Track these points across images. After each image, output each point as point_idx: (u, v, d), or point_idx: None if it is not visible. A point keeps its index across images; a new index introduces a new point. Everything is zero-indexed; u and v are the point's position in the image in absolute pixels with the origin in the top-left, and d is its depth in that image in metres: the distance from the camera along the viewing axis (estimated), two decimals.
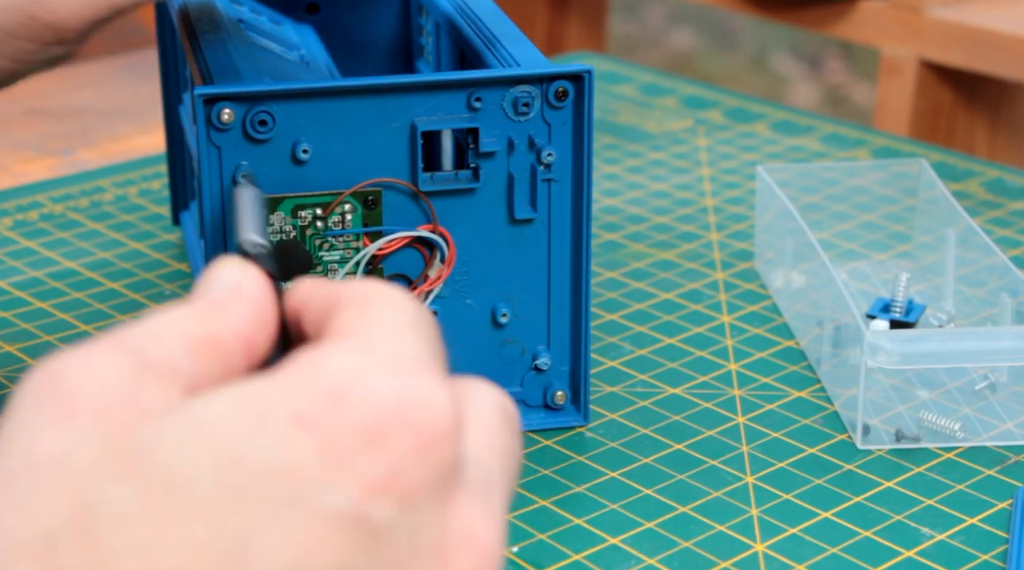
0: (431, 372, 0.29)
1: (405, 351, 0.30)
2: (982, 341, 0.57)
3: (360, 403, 0.28)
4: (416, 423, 0.28)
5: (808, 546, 0.52)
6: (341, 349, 0.29)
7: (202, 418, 0.28)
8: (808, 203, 0.79)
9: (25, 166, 0.86)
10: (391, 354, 0.29)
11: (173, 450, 0.28)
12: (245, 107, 0.51)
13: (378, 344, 0.30)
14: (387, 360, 0.29)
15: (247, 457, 0.27)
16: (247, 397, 0.28)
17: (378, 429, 0.28)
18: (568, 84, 0.54)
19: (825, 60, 3.02)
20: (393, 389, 0.28)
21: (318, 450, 0.27)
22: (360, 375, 0.28)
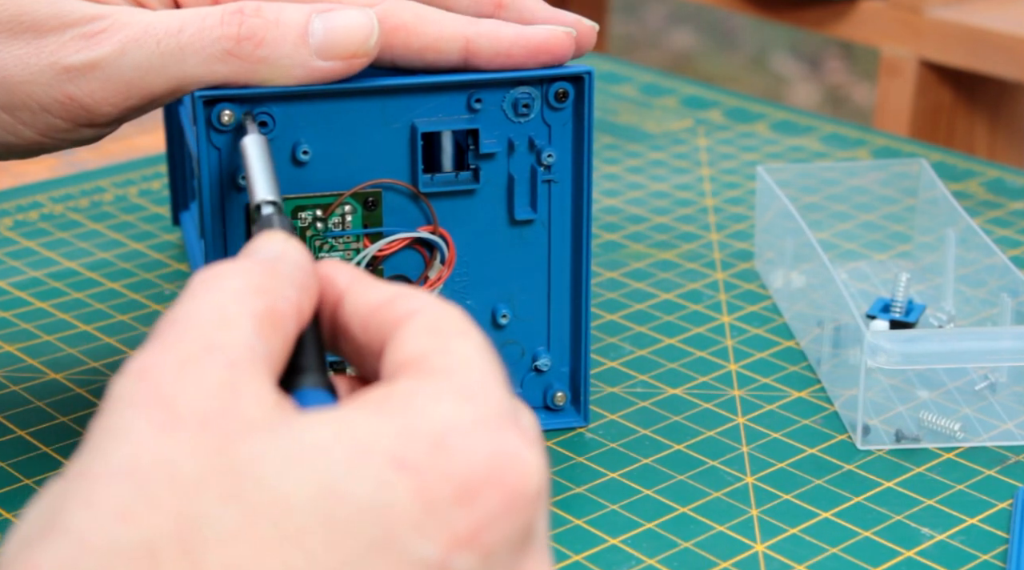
0: (520, 428, 0.30)
1: (498, 400, 0.30)
2: (982, 341, 0.57)
3: (459, 455, 0.28)
4: (509, 483, 0.29)
5: (808, 546, 0.52)
6: (439, 392, 0.30)
7: (306, 445, 0.28)
8: (808, 203, 0.79)
9: (25, 166, 0.86)
10: (487, 403, 0.30)
11: (278, 475, 0.28)
12: (245, 108, 0.51)
13: (473, 391, 0.30)
14: (485, 411, 0.30)
15: (348, 492, 0.28)
16: (351, 430, 0.29)
17: (473, 483, 0.28)
18: (568, 85, 0.54)
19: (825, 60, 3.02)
20: (491, 445, 0.29)
21: (414, 495, 0.28)
22: (460, 425, 0.29)
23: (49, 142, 0.52)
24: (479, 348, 0.32)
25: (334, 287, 0.35)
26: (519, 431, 0.30)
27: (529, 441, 0.30)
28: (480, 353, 0.32)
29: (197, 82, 0.49)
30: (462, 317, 0.33)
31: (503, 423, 0.29)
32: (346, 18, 0.50)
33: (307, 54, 0.49)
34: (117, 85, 0.50)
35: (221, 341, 0.30)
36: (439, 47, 0.51)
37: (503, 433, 0.29)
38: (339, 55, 0.49)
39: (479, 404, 0.30)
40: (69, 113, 0.51)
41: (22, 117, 0.51)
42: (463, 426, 0.29)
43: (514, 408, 0.31)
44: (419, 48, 0.51)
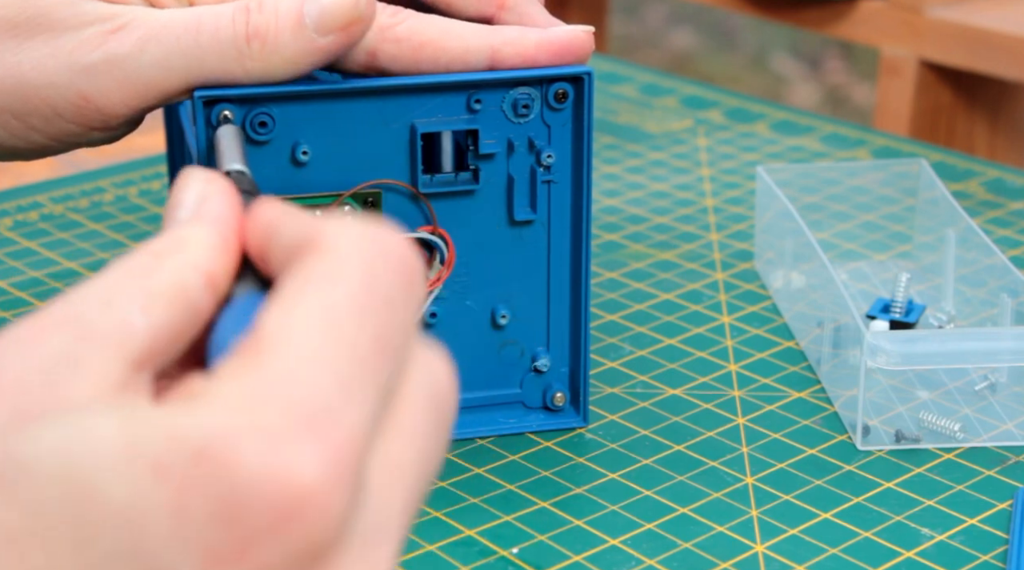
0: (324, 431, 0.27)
1: (303, 399, 0.27)
2: (982, 341, 0.57)
3: (220, 469, 0.26)
4: (278, 504, 0.26)
5: (808, 547, 0.52)
6: (223, 391, 0.27)
7: (84, 434, 0.27)
8: (808, 203, 0.79)
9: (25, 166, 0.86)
10: (283, 405, 0.27)
11: (40, 463, 0.26)
12: (245, 109, 0.51)
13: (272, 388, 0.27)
14: (273, 416, 0.27)
15: (104, 494, 0.26)
16: (133, 425, 0.27)
17: (234, 502, 0.26)
18: (568, 86, 0.54)
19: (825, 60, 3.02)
20: (262, 460, 0.26)
21: (169, 508, 0.26)
22: (230, 434, 0.26)
23: (57, 146, 0.52)
24: (336, 310, 0.29)
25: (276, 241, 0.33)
26: (318, 440, 0.27)
27: (325, 453, 0.27)
28: (330, 320, 0.28)
29: (214, 81, 0.50)
30: (369, 249, 0.30)
31: (293, 432, 0.26)
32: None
33: (308, 36, 0.49)
34: (135, 84, 0.50)
35: (89, 316, 0.29)
36: (467, 59, 0.52)
37: (285, 445, 0.26)
38: (337, 26, 0.49)
39: (270, 406, 0.27)
40: (82, 116, 0.51)
41: (34, 122, 0.51)
42: (233, 435, 0.26)
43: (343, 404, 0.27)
44: (447, 63, 0.52)
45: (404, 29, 0.51)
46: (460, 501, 0.54)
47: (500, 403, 0.58)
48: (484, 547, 0.52)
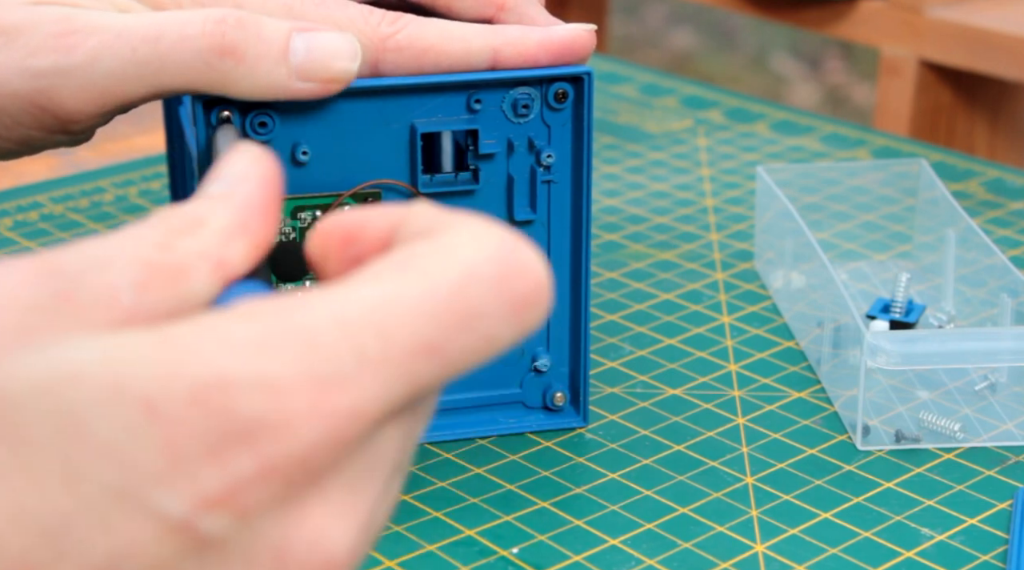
0: (328, 395, 0.26)
1: (327, 358, 0.27)
2: (982, 341, 0.57)
3: (216, 412, 0.26)
4: (265, 449, 0.26)
5: (808, 547, 0.52)
6: (231, 333, 0.27)
7: (65, 366, 0.26)
8: (808, 203, 0.79)
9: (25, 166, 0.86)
10: (294, 355, 0.26)
11: (26, 397, 0.26)
12: (244, 109, 0.51)
13: (286, 338, 0.27)
14: (280, 366, 0.26)
15: (92, 430, 0.26)
16: (117, 357, 0.26)
17: (225, 444, 0.26)
18: (568, 86, 0.54)
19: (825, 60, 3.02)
20: (259, 413, 0.26)
21: (160, 446, 0.26)
22: (228, 378, 0.26)
23: (26, 150, 0.51)
24: (401, 298, 0.27)
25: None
26: (319, 402, 0.26)
27: (323, 418, 0.26)
28: (385, 303, 0.27)
29: (175, 90, 0.49)
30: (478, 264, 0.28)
31: (296, 387, 0.26)
32: (329, 41, 0.49)
33: (285, 74, 0.48)
34: (90, 93, 0.49)
35: (78, 276, 0.28)
36: (469, 61, 0.51)
37: (286, 399, 0.26)
38: (318, 78, 0.49)
39: (280, 355, 0.26)
40: (40, 123, 0.50)
41: (1, 132, 0.50)
42: (233, 381, 0.26)
43: (358, 376, 0.27)
44: (449, 66, 0.51)
45: (404, 37, 0.51)
46: (460, 501, 0.54)
47: (500, 403, 0.58)
48: (484, 547, 0.52)
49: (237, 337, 0.27)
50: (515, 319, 0.29)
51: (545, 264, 0.29)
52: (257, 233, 0.31)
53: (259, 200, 0.31)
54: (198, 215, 0.30)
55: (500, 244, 0.29)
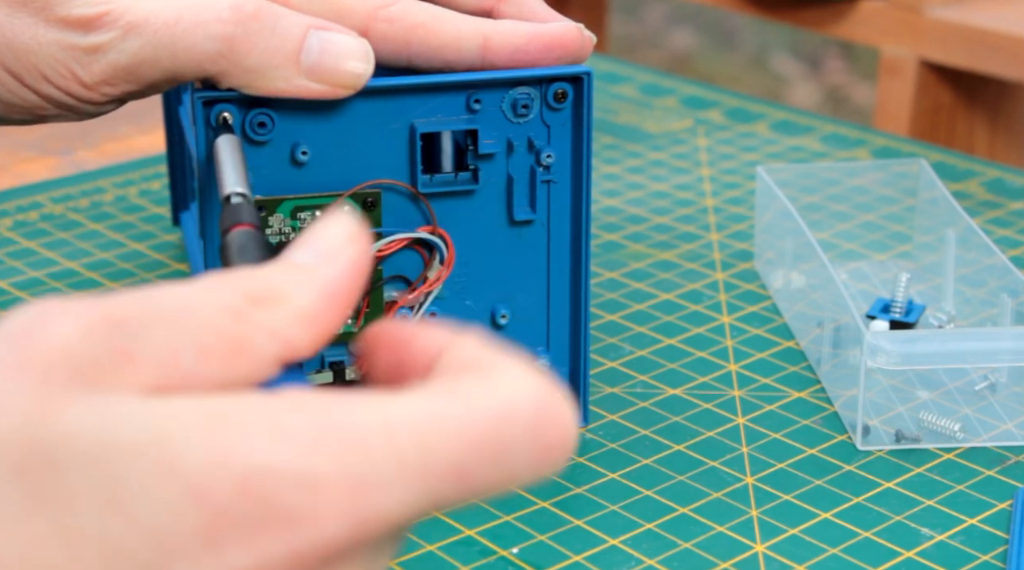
0: (361, 501, 0.27)
1: (366, 463, 0.27)
2: (982, 341, 0.57)
3: (258, 501, 0.26)
4: (295, 537, 0.27)
5: (808, 547, 0.52)
6: (274, 427, 0.27)
7: (118, 439, 0.26)
8: (808, 203, 0.79)
9: (25, 166, 0.86)
10: (335, 455, 0.27)
11: (74, 464, 0.26)
12: (244, 109, 0.51)
13: (326, 436, 0.27)
14: (327, 465, 0.27)
15: (138, 507, 0.26)
16: (170, 436, 0.26)
17: (259, 529, 0.26)
18: (567, 86, 0.54)
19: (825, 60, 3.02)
20: (297, 507, 0.27)
21: (202, 530, 0.26)
22: (277, 474, 0.26)
23: (52, 110, 0.52)
24: (441, 419, 0.28)
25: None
26: (353, 508, 0.27)
27: (351, 523, 0.27)
28: (428, 419, 0.28)
29: (188, 77, 0.50)
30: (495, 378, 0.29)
31: (335, 487, 0.27)
32: (344, 44, 0.49)
33: (295, 72, 0.49)
34: (116, 70, 0.50)
35: (143, 324, 0.28)
36: (458, 45, 0.51)
37: (322, 497, 0.27)
38: (327, 80, 0.49)
39: (324, 450, 0.27)
40: (70, 88, 0.51)
41: (27, 80, 0.51)
42: (279, 472, 0.26)
43: (391, 485, 0.27)
44: (438, 46, 0.51)
45: (397, 10, 0.51)
46: None
47: None
48: (484, 547, 0.52)
49: (287, 429, 0.27)
50: (540, 462, 0.29)
51: (575, 417, 0.30)
52: (330, 323, 0.31)
53: (343, 287, 0.31)
54: (279, 288, 0.30)
55: (539, 390, 0.30)
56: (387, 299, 0.55)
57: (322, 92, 0.49)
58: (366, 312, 0.55)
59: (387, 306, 0.55)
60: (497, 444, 0.29)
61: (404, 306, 0.55)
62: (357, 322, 0.55)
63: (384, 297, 0.55)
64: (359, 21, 0.51)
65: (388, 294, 0.55)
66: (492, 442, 0.29)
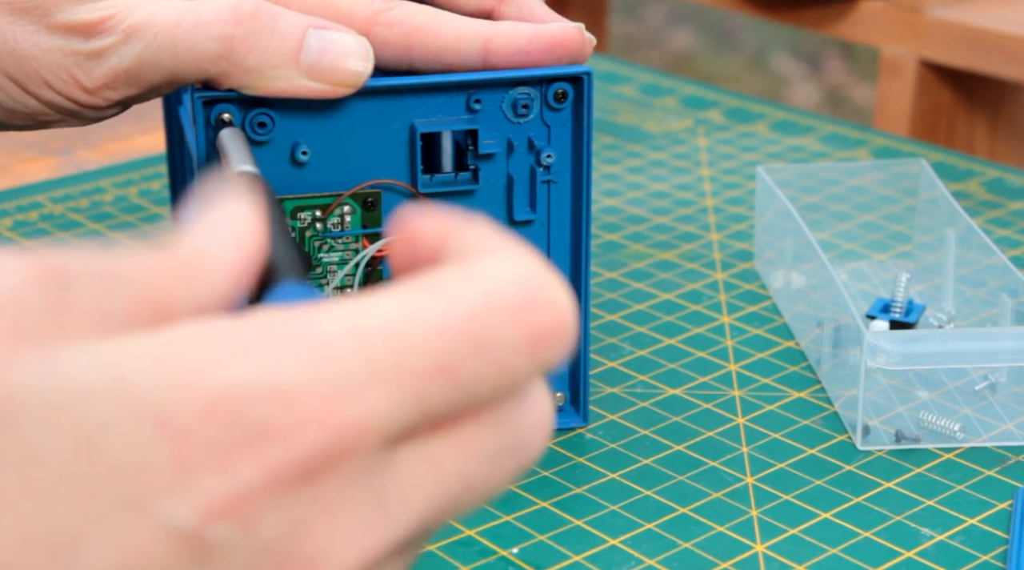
0: (335, 408, 0.26)
1: (338, 370, 0.26)
2: (982, 341, 0.57)
3: (227, 422, 0.26)
4: (272, 456, 0.26)
5: (808, 547, 0.52)
6: (250, 339, 0.26)
7: (73, 386, 0.26)
8: (808, 203, 0.79)
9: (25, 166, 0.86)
10: (308, 367, 0.26)
11: (35, 419, 0.26)
12: (244, 109, 0.51)
13: (310, 346, 0.26)
14: (295, 376, 0.26)
15: (105, 449, 0.25)
16: (127, 371, 0.26)
17: (231, 451, 0.26)
18: (567, 86, 0.54)
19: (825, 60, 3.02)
20: (267, 420, 0.26)
21: (171, 459, 0.26)
22: (244, 393, 0.26)
23: (54, 115, 0.52)
24: (415, 317, 0.27)
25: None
26: (326, 414, 0.26)
27: (328, 430, 0.26)
28: (402, 319, 0.27)
29: (189, 79, 0.50)
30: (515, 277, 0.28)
31: (304, 390, 0.26)
32: (343, 43, 0.49)
33: (295, 71, 0.49)
34: (118, 74, 0.50)
35: (80, 287, 0.27)
36: (459, 47, 0.51)
37: (296, 408, 0.26)
38: (327, 79, 0.49)
39: (291, 363, 0.26)
40: (72, 94, 0.51)
41: (29, 87, 0.51)
42: (245, 388, 0.26)
43: (366, 390, 0.27)
44: (439, 49, 0.51)
45: (397, 14, 0.51)
46: None
47: None
48: (484, 547, 0.52)
49: (249, 346, 0.26)
50: (531, 351, 0.28)
51: (572, 303, 0.29)
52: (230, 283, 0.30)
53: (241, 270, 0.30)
54: (198, 261, 0.29)
55: (526, 275, 0.28)
56: None
57: (322, 91, 0.49)
58: None
59: None
60: (480, 335, 0.28)
61: None
62: None
63: None
64: (359, 26, 0.51)
65: None
66: (474, 333, 0.28)
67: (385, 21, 0.51)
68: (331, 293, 0.54)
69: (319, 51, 0.49)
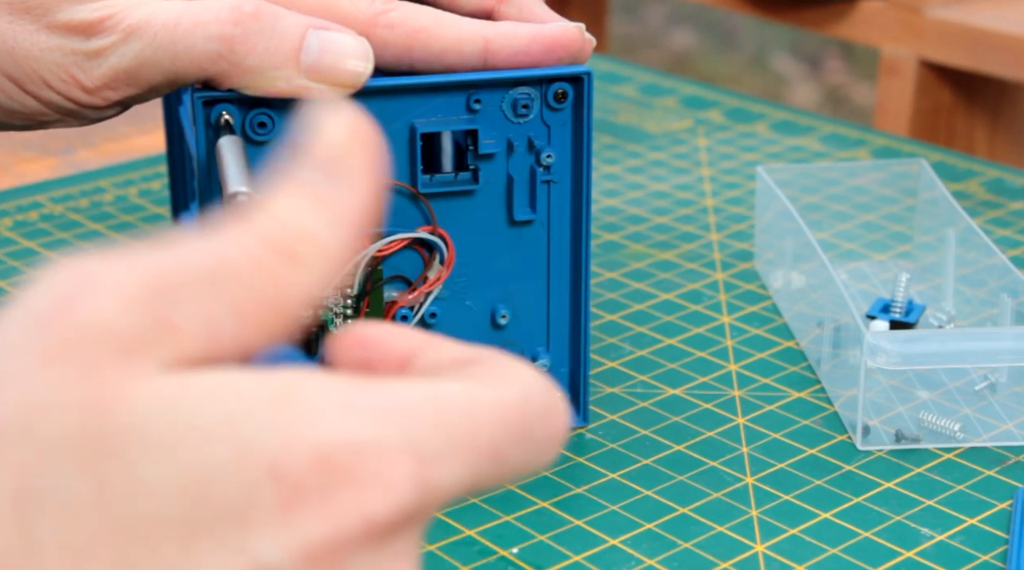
0: (427, 472, 0.28)
1: (430, 438, 0.28)
2: (982, 341, 0.57)
3: (337, 473, 0.27)
4: (369, 506, 0.27)
5: (808, 547, 0.52)
6: (352, 401, 0.27)
7: (190, 427, 0.26)
8: (808, 203, 0.79)
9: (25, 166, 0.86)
10: (406, 429, 0.28)
11: (148, 457, 0.26)
12: (244, 109, 0.51)
13: (399, 412, 0.28)
14: (393, 437, 0.27)
15: (217, 493, 0.26)
16: (241, 417, 0.26)
17: (335, 499, 0.27)
18: (567, 86, 0.54)
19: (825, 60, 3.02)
20: (373, 466, 0.27)
21: (278, 502, 0.26)
22: (359, 445, 0.27)
23: (53, 115, 0.52)
24: (486, 399, 0.29)
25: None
26: (419, 464, 0.27)
27: (415, 491, 0.27)
28: (474, 400, 0.29)
29: (189, 79, 0.50)
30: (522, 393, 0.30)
31: (403, 451, 0.27)
32: (343, 43, 0.49)
33: (294, 72, 0.49)
34: (118, 74, 0.50)
35: (181, 292, 0.27)
36: (460, 49, 0.51)
37: (392, 461, 0.27)
38: (327, 80, 0.49)
39: (392, 423, 0.27)
40: (71, 93, 0.51)
41: (28, 87, 0.51)
42: (358, 443, 0.27)
43: (448, 456, 0.28)
44: (439, 51, 0.51)
45: (398, 15, 0.51)
46: (460, 501, 0.54)
47: None
48: (484, 547, 0.52)
49: (354, 404, 0.27)
50: (547, 448, 0.30)
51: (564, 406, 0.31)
52: (354, 252, 0.30)
53: (366, 210, 0.30)
54: (304, 234, 0.29)
55: (544, 380, 0.31)
56: (387, 299, 0.55)
57: (322, 92, 0.49)
58: (366, 312, 0.55)
59: (387, 306, 0.55)
60: (523, 427, 0.30)
61: (404, 306, 0.55)
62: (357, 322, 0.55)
63: (384, 297, 0.55)
64: (360, 27, 0.51)
65: (388, 294, 0.55)
66: (520, 424, 0.30)
67: (386, 22, 0.51)
68: (331, 293, 0.55)
69: (319, 51, 0.49)
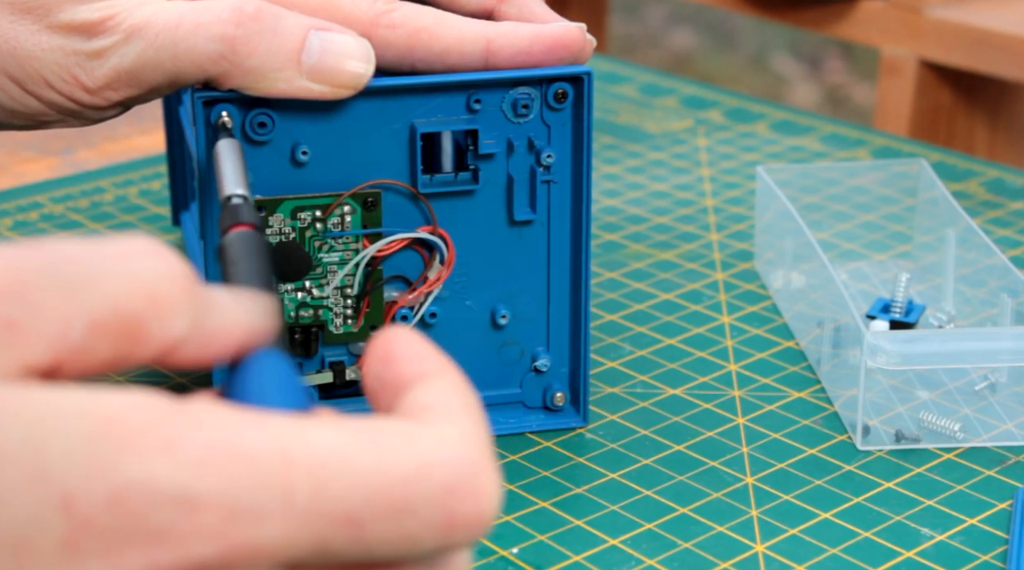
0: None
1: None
2: (982, 341, 0.57)
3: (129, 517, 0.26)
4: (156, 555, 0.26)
5: (808, 547, 0.52)
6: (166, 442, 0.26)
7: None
8: (808, 203, 0.79)
9: (25, 166, 0.86)
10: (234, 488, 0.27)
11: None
12: (244, 109, 0.51)
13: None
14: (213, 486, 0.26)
15: (5, 511, 0.25)
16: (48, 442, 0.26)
17: (123, 544, 0.26)
18: (567, 86, 0.54)
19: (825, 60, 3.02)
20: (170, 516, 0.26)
21: (64, 541, 0.26)
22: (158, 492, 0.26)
23: (55, 116, 0.52)
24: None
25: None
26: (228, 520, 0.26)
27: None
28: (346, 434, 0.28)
29: (191, 80, 0.50)
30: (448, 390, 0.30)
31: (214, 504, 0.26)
32: (345, 44, 0.49)
33: (296, 73, 0.49)
34: (119, 74, 0.50)
35: (36, 296, 0.27)
36: (462, 49, 0.51)
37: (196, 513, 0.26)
38: (328, 81, 0.49)
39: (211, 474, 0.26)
40: (73, 94, 0.51)
41: (30, 87, 0.51)
42: (157, 490, 0.26)
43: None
44: (441, 51, 0.51)
45: (399, 16, 0.51)
46: None
47: (500, 403, 0.58)
48: (484, 547, 0.52)
49: (178, 444, 0.26)
50: (444, 532, 0.29)
51: (498, 499, 0.29)
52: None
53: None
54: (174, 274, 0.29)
55: (464, 458, 0.29)
56: (387, 299, 0.55)
57: (323, 93, 0.49)
58: (366, 312, 0.55)
59: (387, 306, 0.55)
60: (401, 501, 0.28)
61: (404, 306, 0.55)
62: (357, 322, 0.55)
63: (384, 297, 0.55)
64: (361, 27, 0.51)
65: (388, 294, 0.55)
66: (396, 499, 0.28)
67: (387, 23, 0.51)
68: (331, 293, 0.55)
69: (320, 52, 0.49)
